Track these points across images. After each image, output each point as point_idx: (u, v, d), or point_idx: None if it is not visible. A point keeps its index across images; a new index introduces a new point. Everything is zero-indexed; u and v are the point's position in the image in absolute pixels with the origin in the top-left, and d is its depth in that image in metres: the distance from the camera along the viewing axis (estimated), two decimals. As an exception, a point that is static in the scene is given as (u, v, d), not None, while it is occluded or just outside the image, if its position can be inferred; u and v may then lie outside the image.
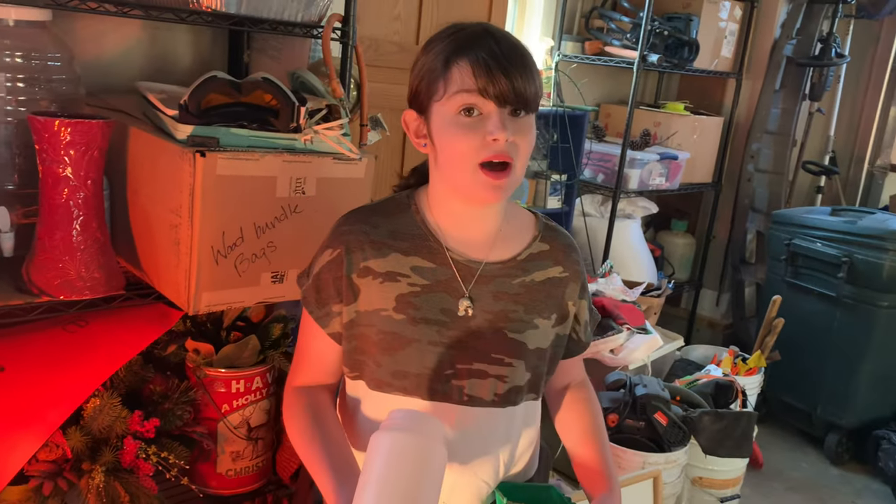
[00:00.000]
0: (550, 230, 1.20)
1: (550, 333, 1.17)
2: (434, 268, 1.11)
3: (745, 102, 3.66)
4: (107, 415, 1.43)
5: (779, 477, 3.02)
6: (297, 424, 1.11)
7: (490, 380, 1.12)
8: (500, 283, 1.13)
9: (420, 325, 1.09)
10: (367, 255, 1.10)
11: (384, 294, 1.09)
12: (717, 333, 3.84)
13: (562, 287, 1.17)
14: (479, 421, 1.13)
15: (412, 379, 1.09)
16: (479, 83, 1.00)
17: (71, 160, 1.32)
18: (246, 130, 1.39)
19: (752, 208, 3.69)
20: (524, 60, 1.02)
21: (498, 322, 1.12)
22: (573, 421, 1.25)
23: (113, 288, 1.41)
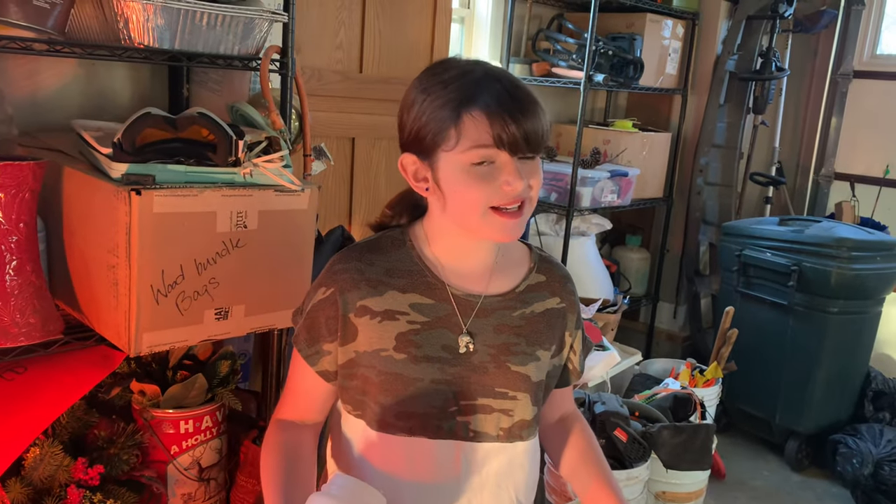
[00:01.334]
0: (545, 261, 1.19)
1: (548, 365, 1.16)
2: (433, 304, 1.09)
3: (692, 117, 3.73)
4: (48, 464, 1.39)
5: (742, 486, 3.05)
6: (269, 460, 1.09)
7: (495, 414, 1.10)
8: (500, 315, 1.11)
9: (422, 363, 1.07)
10: (363, 293, 1.07)
11: (383, 333, 1.07)
12: (676, 346, 3.88)
13: (560, 318, 1.16)
14: (486, 457, 1.11)
15: (417, 419, 1.07)
16: (494, 135, 0.98)
17: (1, 204, 1.29)
18: (183, 166, 1.37)
19: (704, 221, 3.75)
20: (533, 104, 1.00)
21: (500, 355, 1.10)
22: (580, 459, 1.22)
23: (50, 332, 1.37)
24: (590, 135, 3.45)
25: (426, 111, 1.01)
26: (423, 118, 1.02)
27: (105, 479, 1.45)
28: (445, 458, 1.09)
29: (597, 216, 3.51)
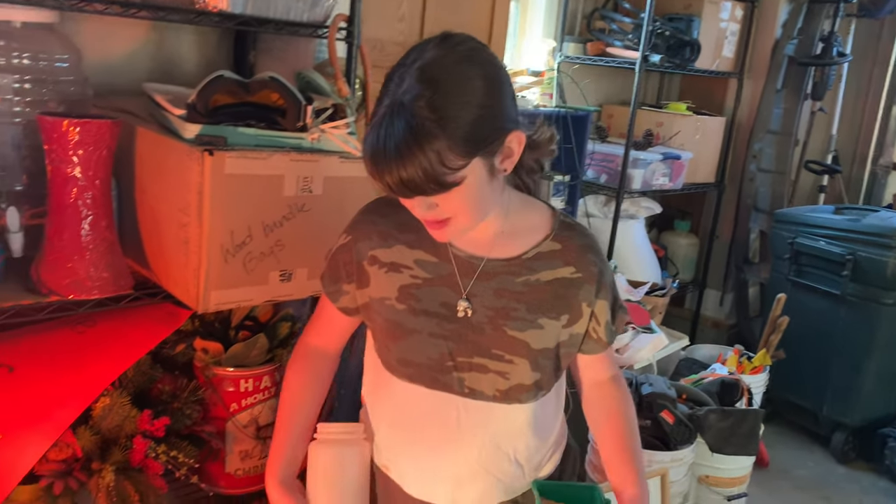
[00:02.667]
0: (567, 229, 1.17)
1: (561, 334, 1.15)
2: (437, 262, 1.13)
3: (747, 102, 3.66)
4: (116, 414, 1.43)
5: (785, 475, 3.02)
6: (295, 385, 1.24)
7: (490, 375, 1.13)
8: (502, 280, 1.13)
9: (420, 316, 1.13)
10: (373, 244, 1.15)
11: (389, 283, 1.14)
12: (721, 333, 3.83)
13: (574, 288, 1.14)
14: (482, 415, 1.14)
15: (415, 367, 1.14)
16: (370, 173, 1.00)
17: (79, 160, 1.33)
18: (253, 130, 1.40)
19: (756, 208, 3.69)
20: (401, 153, 0.94)
21: (498, 319, 1.12)
22: (602, 422, 1.24)
23: (121, 287, 1.41)
24: (642, 117, 3.41)
25: None
26: None
27: (168, 431, 1.49)
28: (442, 410, 1.14)
29: (646, 199, 3.48)
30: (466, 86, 0.97)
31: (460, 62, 0.98)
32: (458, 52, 0.98)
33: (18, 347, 1.46)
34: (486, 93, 0.98)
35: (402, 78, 0.97)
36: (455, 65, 0.97)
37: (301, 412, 1.22)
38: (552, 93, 3.06)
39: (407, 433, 1.19)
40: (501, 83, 1.02)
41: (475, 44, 1.02)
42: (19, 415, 1.37)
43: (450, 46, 0.99)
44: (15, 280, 1.39)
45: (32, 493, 1.41)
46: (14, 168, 1.47)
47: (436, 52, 0.98)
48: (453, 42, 1.00)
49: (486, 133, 0.98)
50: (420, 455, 1.18)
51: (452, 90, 0.96)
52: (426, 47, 0.99)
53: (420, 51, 0.99)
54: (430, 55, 0.98)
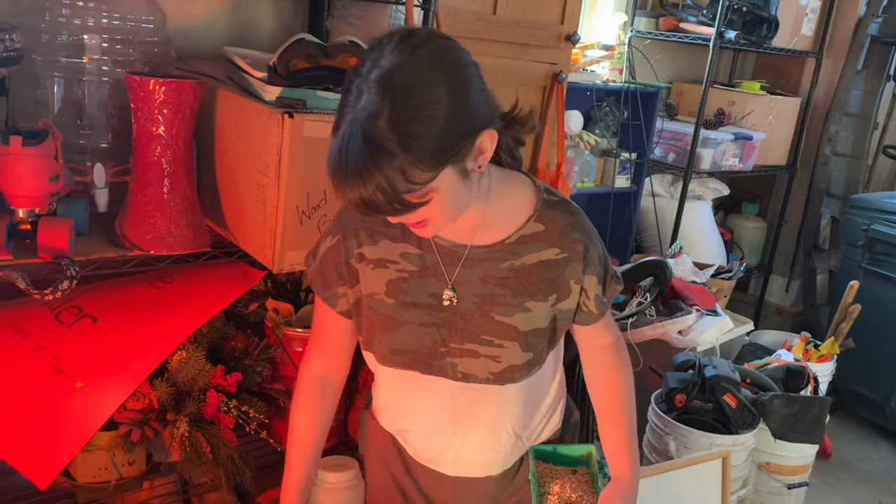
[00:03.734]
0: (550, 208, 1.13)
1: (550, 312, 1.15)
2: (421, 254, 1.13)
3: (825, 83, 3.54)
4: (191, 368, 1.48)
5: (847, 468, 2.95)
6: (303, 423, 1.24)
7: (482, 359, 1.14)
8: (487, 266, 1.12)
9: (410, 308, 1.13)
10: (360, 241, 1.14)
11: (377, 279, 1.14)
12: (785, 321, 3.74)
13: (560, 268, 1.13)
14: (477, 396, 1.17)
15: (410, 355, 1.15)
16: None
17: (164, 119, 1.37)
18: (331, 94, 1.41)
19: (828, 193, 3.57)
20: (359, 172, 0.90)
21: (485, 305, 1.12)
22: (598, 389, 1.27)
23: (200, 245, 1.45)
24: (714, 95, 3.32)
25: None
26: None
27: (239, 387, 1.53)
28: (438, 393, 1.18)
29: (714, 180, 3.40)
30: (429, 96, 0.90)
31: (421, 69, 0.91)
32: (418, 58, 0.91)
33: (101, 300, 1.52)
34: (451, 99, 0.91)
35: (360, 91, 0.91)
36: (416, 73, 0.90)
37: (312, 447, 1.24)
38: (622, 68, 3.01)
39: (409, 415, 1.24)
40: (468, 82, 0.95)
41: (437, 42, 0.94)
42: (101, 364, 1.42)
43: (410, 51, 0.91)
44: (100, 234, 1.44)
45: (111, 439, 1.47)
46: (100, 126, 1.52)
47: (395, 58, 0.91)
48: (413, 44, 0.92)
49: (454, 142, 0.93)
50: (422, 434, 1.23)
51: (414, 104, 0.89)
52: (384, 51, 0.92)
53: (377, 56, 0.92)
54: (390, 62, 0.90)
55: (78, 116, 1.50)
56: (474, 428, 1.20)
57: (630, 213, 3.10)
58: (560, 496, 1.17)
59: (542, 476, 1.21)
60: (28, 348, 1.43)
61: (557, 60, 2.31)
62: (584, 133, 2.87)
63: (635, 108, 2.97)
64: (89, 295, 1.53)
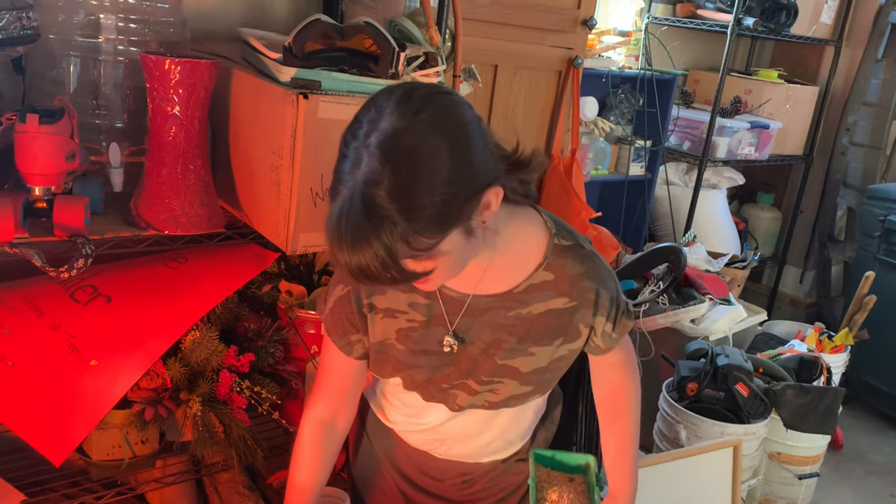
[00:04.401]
0: (560, 255, 1.10)
1: (555, 352, 1.15)
2: (428, 304, 1.12)
3: (843, 72, 3.50)
4: (204, 348, 1.49)
5: (859, 459, 2.93)
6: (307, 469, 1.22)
7: (482, 394, 1.16)
8: (493, 314, 1.11)
9: (420, 356, 1.14)
10: (369, 291, 1.12)
11: (386, 328, 1.14)
12: (798, 312, 3.72)
13: (567, 316, 1.12)
14: (472, 419, 1.20)
15: (412, 385, 1.18)
16: None
17: (179, 99, 1.36)
18: (346, 75, 1.40)
19: (845, 183, 3.54)
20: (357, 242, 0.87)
21: (490, 349, 1.13)
22: (604, 405, 1.28)
23: (214, 226, 1.45)
24: (731, 83, 3.29)
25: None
26: None
27: (252, 368, 1.54)
28: (434, 414, 1.20)
29: (729, 169, 3.38)
30: (432, 163, 0.86)
31: (423, 134, 0.87)
32: (420, 122, 0.87)
33: (115, 279, 1.53)
34: (454, 164, 0.87)
35: (360, 156, 0.87)
36: (418, 138, 0.86)
37: (315, 493, 1.23)
38: (638, 54, 2.98)
39: (400, 415, 1.26)
40: (471, 143, 0.90)
41: (438, 101, 0.90)
42: (115, 343, 1.43)
43: (411, 113, 0.87)
44: (115, 214, 1.44)
45: (125, 418, 1.48)
46: (116, 107, 1.52)
47: (395, 121, 0.87)
48: (414, 107, 0.88)
49: (458, 206, 0.90)
50: (411, 430, 1.26)
51: (417, 172, 0.85)
52: (382, 113, 0.88)
53: (375, 118, 0.88)
54: (390, 126, 0.86)
55: (93, 96, 1.50)
56: (466, 438, 1.23)
57: (644, 201, 3.09)
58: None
59: (541, 481, 1.21)
60: (43, 326, 1.44)
61: (573, 45, 2.30)
62: (598, 120, 2.85)
63: (651, 96, 2.95)
64: (104, 274, 1.54)
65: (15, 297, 1.49)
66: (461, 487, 1.29)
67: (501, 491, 1.31)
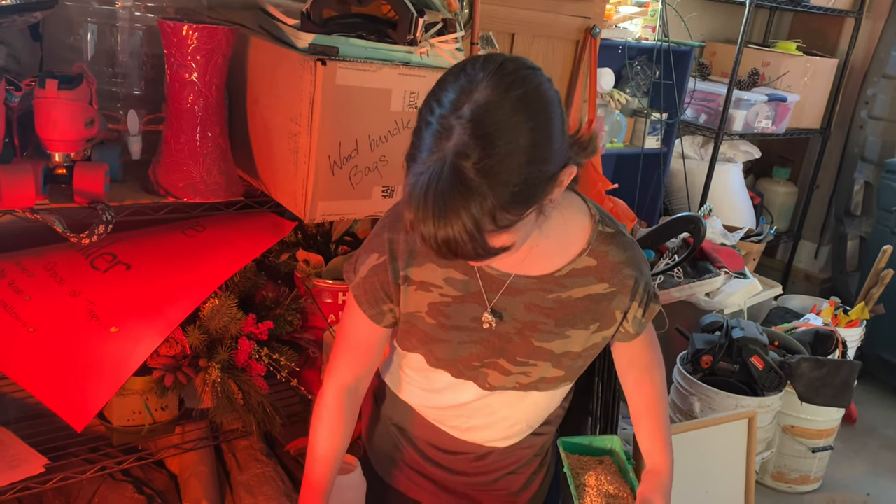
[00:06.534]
0: (604, 243, 1.10)
1: (589, 339, 1.15)
2: (466, 280, 1.10)
3: (863, 44, 3.44)
4: (223, 315, 1.49)
5: (872, 433, 2.93)
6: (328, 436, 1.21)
7: (514, 375, 1.15)
8: (532, 295, 1.10)
9: (451, 331, 1.13)
10: (406, 263, 1.11)
11: (418, 300, 1.12)
12: (813, 287, 3.70)
13: (606, 301, 1.13)
14: (502, 400, 1.19)
15: (444, 362, 1.16)
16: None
17: (197, 65, 1.36)
18: (364, 41, 1.39)
19: (862, 157, 3.50)
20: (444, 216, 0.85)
21: (526, 331, 1.12)
22: (632, 385, 1.27)
23: (233, 194, 1.45)
24: (748, 55, 3.25)
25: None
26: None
27: (270, 336, 1.55)
28: (462, 392, 1.19)
29: (745, 142, 3.35)
30: (521, 140, 0.86)
31: (514, 112, 0.86)
32: (512, 97, 0.87)
33: (134, 247, 1.53)
34: (541, 143, 0.88)
35: (450, 126, 0.86)
36: (508, 117, 0.86)
37: (336, 460, 1.21)
38: (655, 25, 2.94)
39: (422, 396, 1.25)
40: (553, 121, 0.90)
41: (529, 78, 0.90)
42: (135, 310, 1.44)
43: (504, 88, 0.87)
44: (133, 181, 1.45)
45: (145, 384, 1.50)
46: (133, 74, 1.52)
47: (489, 94, 0.86)
48: (507, 81, 0.87)
49: (542, 185, 0.90)
50: (432, 412, 1.26)
51: (507, 149, 0.85)
52: (476, 83, 0.87)
53: (469, 88, 0.87)
54: (483, 98, 0.86)
55: (110, 63, 1.50)
56: (491, 422, 1.22)
57: (659, 174, 3.07)
58: (598, 489, 1.18)
59: (574, 468, 1.22)
60: (64, 293, 1.45)
61: (591, 14, 2.27)
62: (615, 92, 2.82)
63: (667, 68, 2.92)
64: (123, 242, 1.54)
65: (35, 264, 1.50)
66: (474, 461, 1.29)
67: (513, 464, 1.31)
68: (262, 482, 1.61)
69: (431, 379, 1.21)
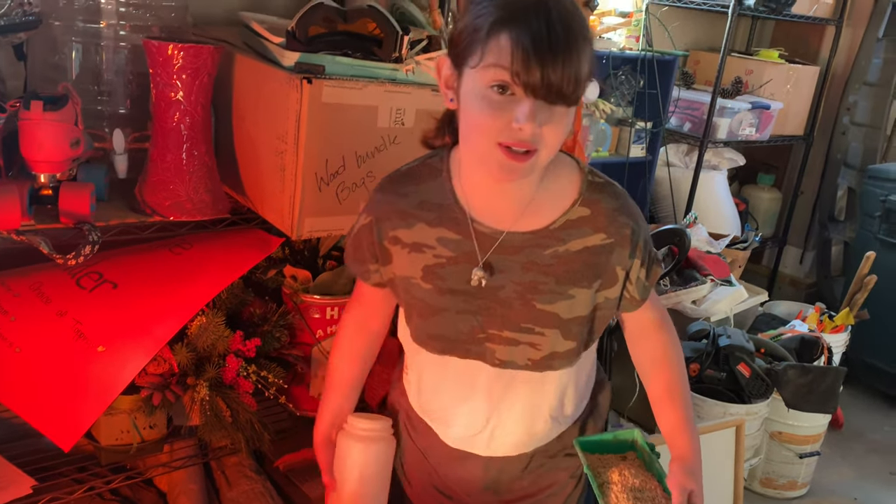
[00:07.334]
0: (595, 191, 1.10)
1: (594, 299, 1.12)
2: (459, 239, 1.09)
3: (844, 51, 3.48)
4: (211, 333, 1.49)
5: (859, 438, 2.95)
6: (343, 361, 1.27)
7: (522, 347, 1.11)
8: (529, 253, 1.08)
9: (447, 295, 1.10)
10: (394, 224, 1.11)
11: (412, 263, 1.11)
12: (799, 292, 3.73)
13: (605, 254, 1.09)
14: (513, 381, 1.15)
15: (446, 341, 1.13)
16: (513, 67, 0.90)
17: (183, 84, 1.36)
18: (350, 59, 1.40)
19: (845, 163, 3.54)
20: (570, 51, 0.90)
21: (526, 293, 1.09)
22: (648, 368, 1.22)
23: (219, 211, 1.46)
24: (731, 63, 3.28)
25: (468, 19, 0.96)
26: (462, 25, 0.97)
27: (258, 353, 1.55)
28: (475, 377, 1.15)
29: (730, 150, 3.37)
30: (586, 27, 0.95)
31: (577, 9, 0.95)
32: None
33: (121, 266, 1.53)
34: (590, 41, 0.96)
35: None
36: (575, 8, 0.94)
37: (350, 383, 1.27)
38: (639, 35, 2.96)
39: (443, 397, 1.20)
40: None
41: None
42: (122, 329, 1.43)
43: None
44: (119, 200, 1.45)
45: (133, 403, 1.49)
46: (118, 93, 1.52)
47: None
48: None
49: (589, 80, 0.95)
50: (454, 416, 1.20)
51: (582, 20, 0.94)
52: None
53: None
54: None
55: (96, 82, 1.50)
56: (511, 412, 1.17)
57: (645, 182, 3.09)
58: (622, 484, 1.12)
59: (595, 467, 1.16)
60: (50, 313, 1.44)
61: (575, 27, 2.28)
62: (599, 102, 2.83)
63: (651, 77, 2.94)
64: (109, 261, 1.54)
65: (20, 284, 1.50)
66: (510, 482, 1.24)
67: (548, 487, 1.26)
68: (252, 499, 1.61)
69: (441, 374, 1.18)
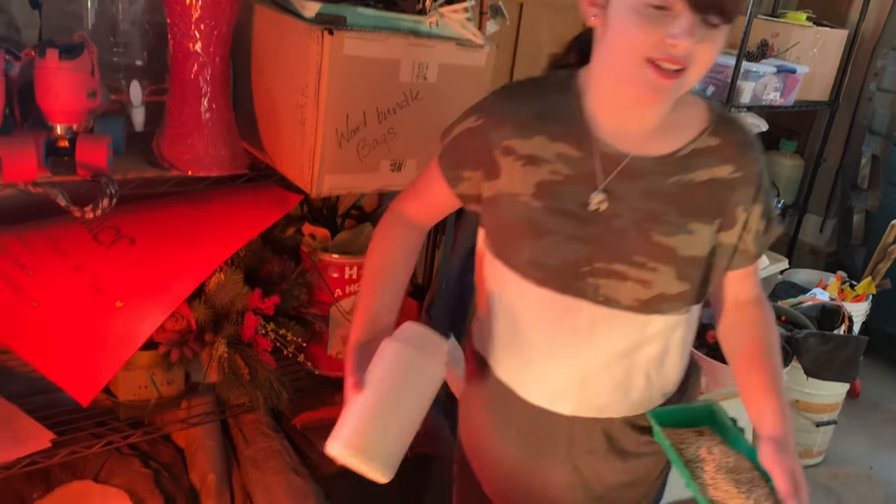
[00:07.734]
0: (725, 122, 1.05)
1: (711, 240, 1.04)
2: (581, 157, 1.02)
3: (874, 14, 3.38)
4: (229, 290, 1.48)
5: (876, 408, 2.94)
6: (384, 252, 1.15)
7: (629, 283, 1.02)
8: (652, 180, 1.01)
9: (558, 216, 1.02)
10: (509, 133, 1.04)
11: (524, 178, 1.03)
12: (818, 261, 3.68)
13: (730, 190, 1.03)
14: (614, 323, 1.04)
15: (547, 270, 1.04)
16: None
17: (201, 35, 1.33)
18: (372, 10, 1.36)
19: (870, 130, 3.46)
20: None
21: (644, 223, 1.01)
22: (743, 348, 1.12)
23: (238, 167, 1.43)
24: (757, 26, 3.19)
25: None
26: None
27: (276, 311, 1.53)
28: (572, 316, 1.04)
29: (752, 115, 3.30)
30: None
31: None
32: None
33: (138, 221, 1.51)
34: None
35: None
36: None
37: (390, 278, 1.13)
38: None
39: (531, 338, 1.09)
40: None
41: None
42: (140, 285, 1.42)
43: None
44: (136, 154, 1.42)
45: (151, 359, 1.49)
46: (135, 44, 1.48)
47: None
48: None
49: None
50: (544, 362, 1.09)
51: None
52: None
53: None
54: None
55: (112, 33, 1.46)
56: (607, 360, 1.06)
57: (666, 147, 3.03)
58: (715, 464, 1.00)
59: (674, 442, 1.04)
60: (67, 267, 1.43)
61: (600, -16, 2.22)
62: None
63: (676, 38, 2.87)
64: (126, 216, 1.52)
65: (37, 238, 1.48)
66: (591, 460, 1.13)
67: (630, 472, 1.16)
68: (269, 456, 1.61)
69: (535, 309, 1.07)
